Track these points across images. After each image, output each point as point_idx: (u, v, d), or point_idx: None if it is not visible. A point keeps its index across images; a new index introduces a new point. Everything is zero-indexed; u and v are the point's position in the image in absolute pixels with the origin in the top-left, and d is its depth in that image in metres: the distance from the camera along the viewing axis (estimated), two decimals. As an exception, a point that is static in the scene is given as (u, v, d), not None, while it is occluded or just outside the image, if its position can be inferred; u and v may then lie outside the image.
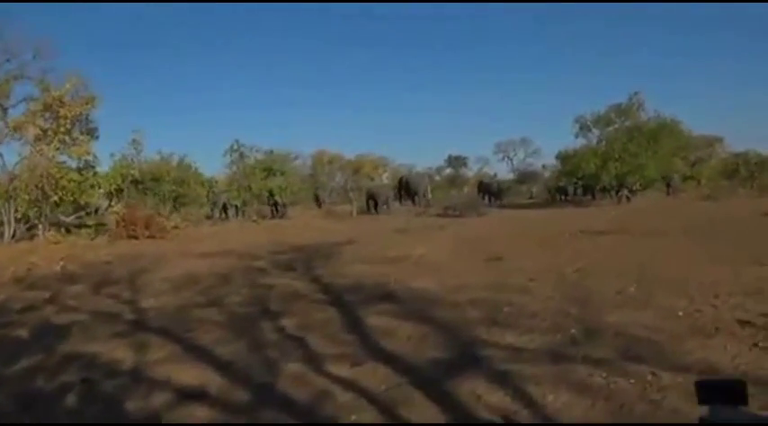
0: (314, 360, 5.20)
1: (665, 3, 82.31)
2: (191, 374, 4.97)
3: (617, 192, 26.03)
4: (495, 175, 58.40)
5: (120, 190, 18.70)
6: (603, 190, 27.40)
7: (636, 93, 27.12)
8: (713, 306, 6.46)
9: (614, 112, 27.08)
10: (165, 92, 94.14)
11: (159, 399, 4.47)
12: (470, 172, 69.50)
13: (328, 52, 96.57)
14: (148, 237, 17.88)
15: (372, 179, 53.71)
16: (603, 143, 26.71)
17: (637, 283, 7.91)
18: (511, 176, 58.69)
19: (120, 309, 7.88)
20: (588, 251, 11.43)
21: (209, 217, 25.98)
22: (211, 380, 4.80)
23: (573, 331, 5.72)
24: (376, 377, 4.70)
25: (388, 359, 5.17)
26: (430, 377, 4.64)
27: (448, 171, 69.38)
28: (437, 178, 58.39)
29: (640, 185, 27.29)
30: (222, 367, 5.16)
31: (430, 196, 38.72)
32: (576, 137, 27.83)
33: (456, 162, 71.65)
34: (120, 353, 5.72)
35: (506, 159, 71.60)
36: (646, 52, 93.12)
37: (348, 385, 4.54)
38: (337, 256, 12.20)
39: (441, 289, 8.27)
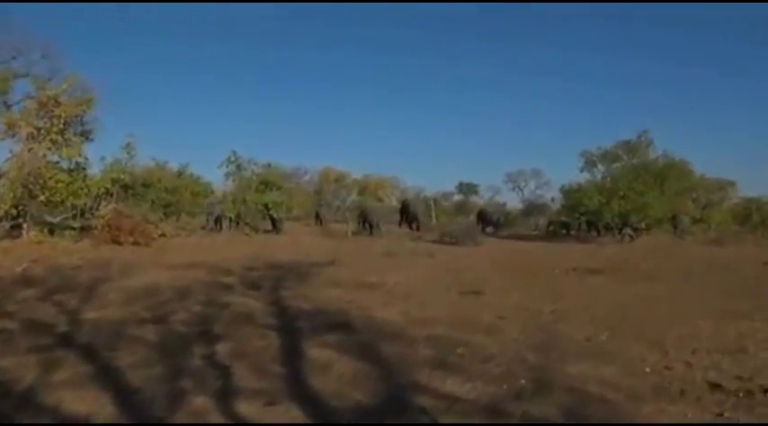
0: (227, 395, 4.70)
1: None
2: (85, 401, 4.48)
3: (620, 230, 25.34)
4: (505, 204, 57.74)
5: (108, 194, 18.39)
6: (607, 227, 26.71)
7: (645, 131, 26.69)
8: (687, 363, 5.87)
9: (621, 149, 26.59)
10: (180, 104, 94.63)
11: (35, 429, 3.99)
12: (481, 199, 68.66)
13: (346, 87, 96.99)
14: (133, 244, 17.48)
15: (381, 199, 53.30)
16: (608, 179, 26.16)
17: (611, 330, 7.33)
18: (520, 207, 58.01)
19: (57, 320, 7.43)
20: (573, 290, 10.83)
21: (204, 228, 25.58)
22: (102, 410, 4.31)
23: (523, 381, 5.16)
24: (283, 419, 4.19)
25: (309, 398, 4.66)
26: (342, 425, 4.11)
27: (457, 197, 68.72)
28: (444, 203, 57.63)
29: (646, 225, 26.56)
30: (124, 395, 4.67)
31: (435, 221, 38.30)
32: (582, 171, 27.39)
33: (467, 189, 70.98)
34: (26, 371, 5.24)
35: (517, 189, 70.77)
36: (664, 92, 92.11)
37: (248, 428, 4.03)
38: (312, 277, 11.69)
39: (402, 321, 7.74)
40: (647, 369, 5.64)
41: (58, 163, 18.78)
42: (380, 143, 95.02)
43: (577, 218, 27.17)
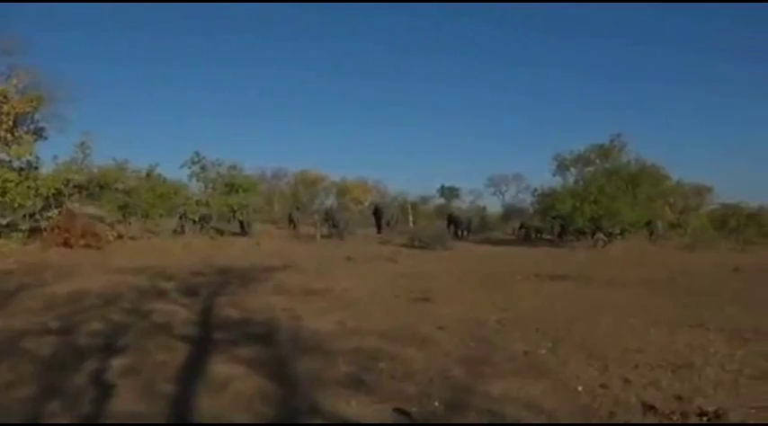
0: (96, 419, 4.14)
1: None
2: None
3: (593, 235, 25.00)
4: (485, 209, 57.61)
5: (60, 195, 17.60)
6: (581, 232, 26.35)
7: (618, 135, 26.40)
8: (625, 380, 5.40)
9: (594, 153, 26.28)
10: (162, 106, 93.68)
11: None
12: (463, 204, 68.31)
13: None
14: (84, 246, 16.75)
15: (361, 203, 52.79)
16: (581, 183, 25.83)
17: (554, 342, 6.85)
18: (501, 211, 57.77)
19: (-48, 330, 6.77)
20: (527, 297, 10.37)
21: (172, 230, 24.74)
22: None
23: (436, 403, 4.64)
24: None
25: (186, 424, 4.09)
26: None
27: (440, 201, 68.21)
28: (423, 207, 57.04)
29: (621, 229, 26.24)
30: (-27, 421, 4.07)
31: (412, 225, 37.89)
32: (554, 175, 27.04)
33: (449, 193, 70.60)
34: None
35: (498, 193, 70.59)
36: (651, 101, 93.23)
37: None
38: (258, 283, 11.13)
39: (333, 332, 7.21)
40: (580, 388, 5.16)
41: (9, 162, 18.03)
42: (367, 147, 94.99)
43: (549, 222, 26.81)
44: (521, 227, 31.03)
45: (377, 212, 31.92)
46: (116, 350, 6.04)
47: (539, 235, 29.26)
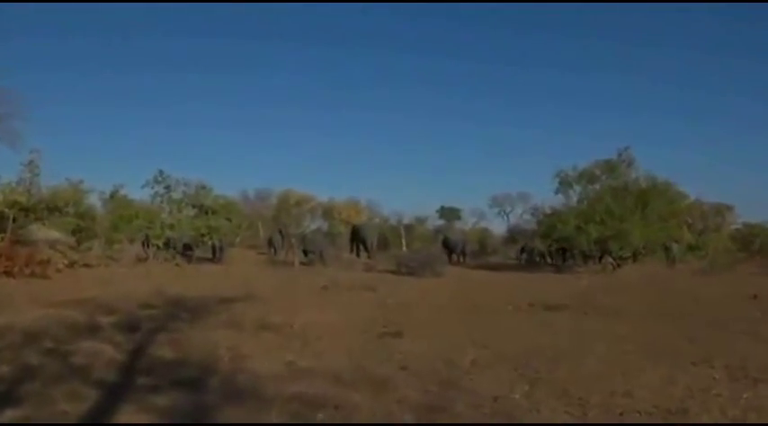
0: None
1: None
2: None
3: (600, 259, 24.52)
4: (488, 230, 57.32)
5: (3, 219, 17.19)
6: (587, 255, 25.83)
7: (626, 149, 25.97)
8: (604, 432, 4.97)
9: (600, 169, 25.87)
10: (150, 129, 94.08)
11: None
12: (466, 225, 67.81)
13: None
14: (29, 275, 16.30)
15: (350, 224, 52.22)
16: (585, 202, 25.40)
17: (532, 384, 6.44)
18: (505, 233, 57.43)
19: None
20: (513, 331, 9.96)
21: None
22: None
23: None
24: None
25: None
26: None
27: (439, 222, 67.63)
28: (420, 228, 56.56)
29: (633, 253, 25.73)
30: None
31: (405, 248, 37.50)
32: (556, 193, 26.56)
33: (449, 213, 70.07)
34: None
35: (503, 214, 70.02)
36: (663, 115, 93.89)
37: None
38: (210, 316, 10.70)
39: (279, 374, 6.79)
40: (549, 442, 4.73)
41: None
42: (362, 167, 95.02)
43: (550, 245, 26.37)
44: (522, 251, 30.58)
45: (355, 234, 31.41)
46: (14, 399, 5.59)
47: (543, 258, 28.82)
